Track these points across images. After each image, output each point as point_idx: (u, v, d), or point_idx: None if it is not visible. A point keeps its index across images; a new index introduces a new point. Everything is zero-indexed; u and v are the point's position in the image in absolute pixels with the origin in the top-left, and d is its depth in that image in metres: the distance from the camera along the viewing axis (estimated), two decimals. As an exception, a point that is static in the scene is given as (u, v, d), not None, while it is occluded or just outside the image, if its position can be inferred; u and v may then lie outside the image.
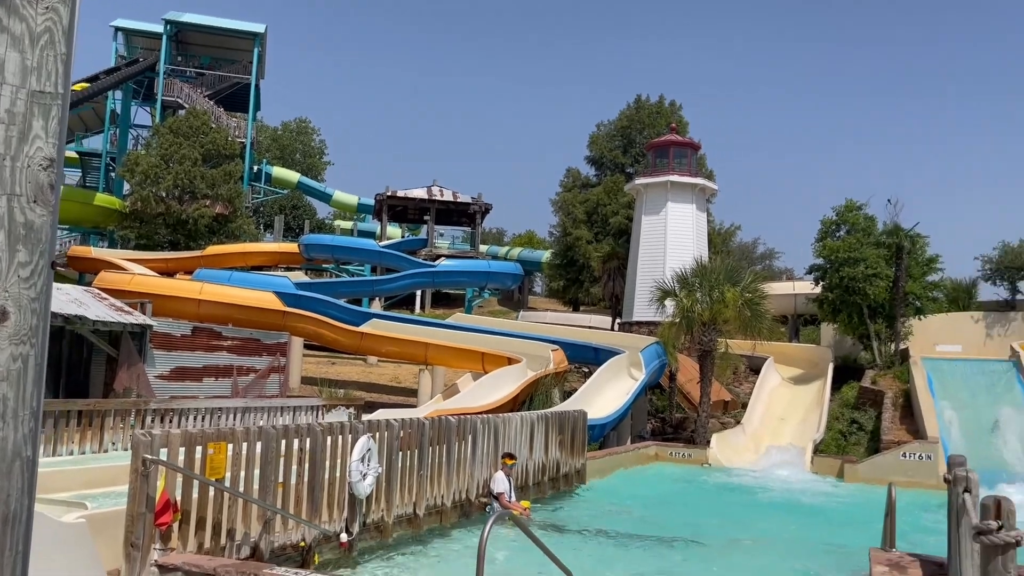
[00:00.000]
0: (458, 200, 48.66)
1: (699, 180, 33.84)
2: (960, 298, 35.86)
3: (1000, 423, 21.45)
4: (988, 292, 38.72)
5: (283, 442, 8.36)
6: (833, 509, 15.13)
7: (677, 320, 23.16)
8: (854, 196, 32.70)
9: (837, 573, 9.11)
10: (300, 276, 34.36)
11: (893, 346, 27.74)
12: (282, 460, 8.31)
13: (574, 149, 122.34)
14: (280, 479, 8.22)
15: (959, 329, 32.57)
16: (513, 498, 12.34)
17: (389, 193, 47.83)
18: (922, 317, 28.47)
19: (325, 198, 57.76)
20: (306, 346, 26.74)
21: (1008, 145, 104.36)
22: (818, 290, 28.99)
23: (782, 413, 25.12)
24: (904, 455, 18.60)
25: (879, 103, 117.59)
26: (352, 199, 57.18)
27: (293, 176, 55.59)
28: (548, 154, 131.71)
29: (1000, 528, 4.32)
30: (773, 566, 9.78)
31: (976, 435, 21.12)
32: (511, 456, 12.50)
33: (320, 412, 19.00)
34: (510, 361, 22.29)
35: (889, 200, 39.12)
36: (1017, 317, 32.91)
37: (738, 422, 24.01)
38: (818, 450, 21.29)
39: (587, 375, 24.08)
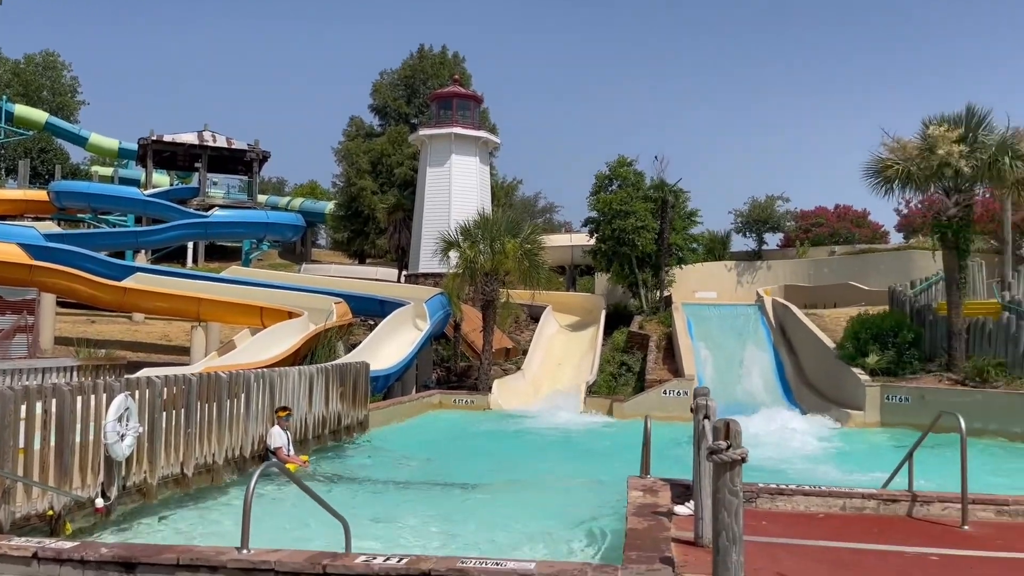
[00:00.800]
0: (233, 147, 46.04)
1: (482, 133, 34.28)
2: (716, 249, 39.29)
3: (745, 361, 23.90)
4: (739, 243, 42.73)
5: (24, 405, 7.56)
6: (603, 445, 16.19)
7: (461, 271, 23.51)
8: (626, 152, 34.69)
9: (603, 501, 9.74)
10: (51, 227, 31.03)
11: (658, 293, 29.94)
12: (23, 424, 7.52)
13: (357, 98, 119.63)
14: (22, 445, 7.46)
15: (715, 277, 35.74)
16: (292, 452, 12.07)
17: (154, 137, 44.31)
18: (683, 267, 30.92)
19: (80, 141, 52.38)
20: (61, 303, 24.38)
21: (757, 108, 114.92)
22: (593, 242, 30.56)
23: (560, 358, 26.41)
24: (665, 392, 20.24)
25: (650, 62, 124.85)
26: (112, 143, 52.29)
27: (40, 116, 49.88)
28: (330, 103, 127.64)
29: (729, 447, 4.78)
30: (548, 501, 10.28)
31: (727, 372, 23.39)
32: (285, 409, 12.19)
33: (74, 373, 17.43)
34: (291, 315, 21.63)
35: (656, 157, 41.86)
36: (763, 266, 36.63)
37: (519, 368, 24.93)
38: (591, 391, 22.64)
39: (373, 328, 23.91)
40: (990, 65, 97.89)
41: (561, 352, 26.99)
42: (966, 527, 7.41)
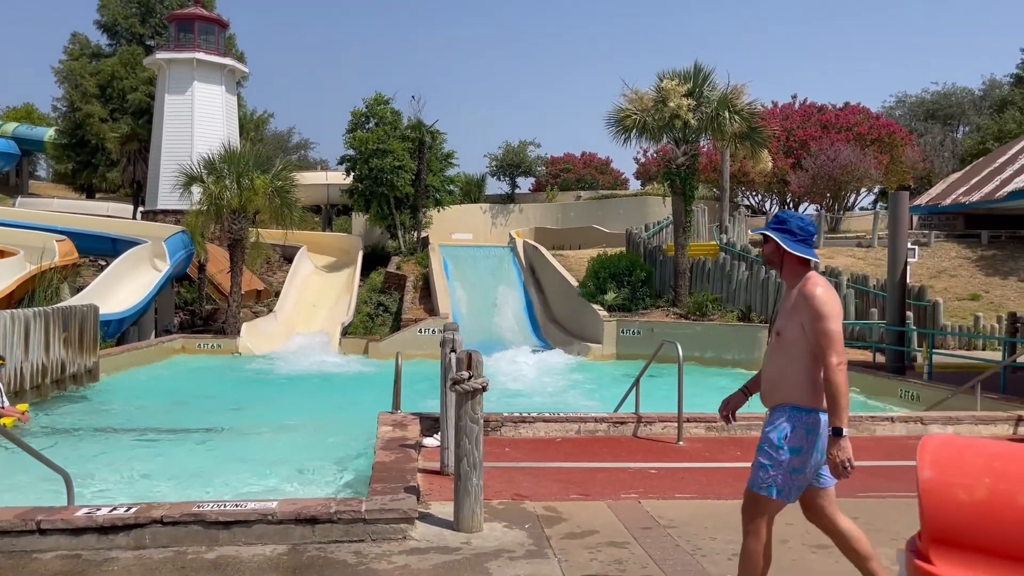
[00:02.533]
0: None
1: (228, 61, 32.07)
2: (472, 191, 40.12)
3: (498, 300, 24.82)
4: (494, 187, 43.93)
5: None
6: (357, 384, 16.14)
7: (205, 208, 22.04)
8: (383, 90, 34.07)
9: (355, 439, 9.72)
10: None
11: (416, 234, 30.07)
12: None
13: (81, 11, 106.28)
14: None
15: (471, 219, 36.52)
16: (5, 404, 10.81)
17: None
18: (441, 208, 31.24)
19: None
20: None
21: (511, 55, 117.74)
22: (350, 181, 29.94)
23: (314, 300, 25.81)
24: (420, 331, 20.51)
25: (408, 3, 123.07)
26: None
27: None
28: (47, 14, 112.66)
29: (470, 377, 4.94)
30: (298, 442, 10.08)
31: (482, 311, 24.16)
32: (-2, 358, 10.87)
33: None
34: (3, 254, 19.19)
35: (413, 97, 41.66)
36: (516, 208, 37.96)
37: (271, 311, 24.06)
38: (347, 332, 22.41)
39: (104, 268, 21.85)
40: (715, 26, 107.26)
41: (316, 294, 26.39)
42: (681, 443, 8.28)
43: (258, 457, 9.19)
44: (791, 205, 36.09)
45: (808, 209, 34.45)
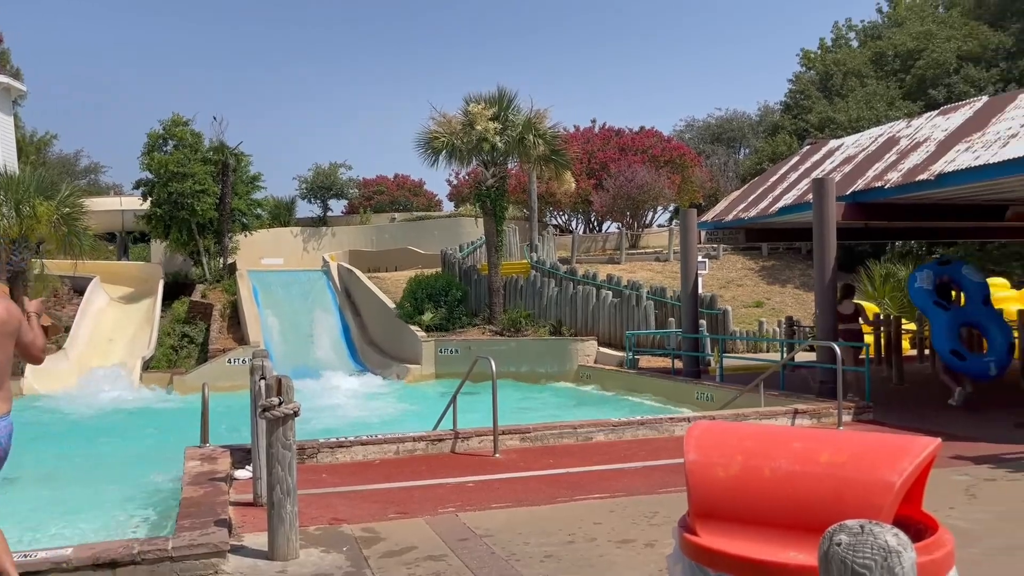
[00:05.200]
0: None
1: (4, 78, 29.38)
2: (282, 215, 39.02)
3: (314, 325, 24.27)
4: (305, 209, 42.96)
5: None
6: (161, 421, 15.22)
7: (-23, 238, 20.01)
8: (181, 111, 32.43)
9: (161, 477, 9.20)
10: None
11: (222, 261, 28.81)
12: None
13: None
14: None
15: (282, 243, 35.51)
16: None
17: None
18: (249, 233, 30.14)
19: None
20: None
21: (323, 73, 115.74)
22: (147, 206, 28.26)
23: (111, 334, 24.04)
24: (230, 361, 19.67)
25: (209, 21, 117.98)
26: None
27: None
28: None
29: (281, 403, 4.87)
30: (95, 485, 9.40)
31: (295, 338, 23.51)
32: None
33: None
34: None
35: (215, 117, 40.03)
36: (328, 232, 37.32)
37: (60, 348, 22.15)
38: (149, 366, 21.08)
39: None
40: (521, 53, 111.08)
41: (113, 327, 24.59)
42: (497, 455, 8.53)
43: (46, 506, 8.48)
44: (595, 224, 37.96)
45: (611, 227, 36.39)
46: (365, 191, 45.61)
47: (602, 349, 19.28)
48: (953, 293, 12.37)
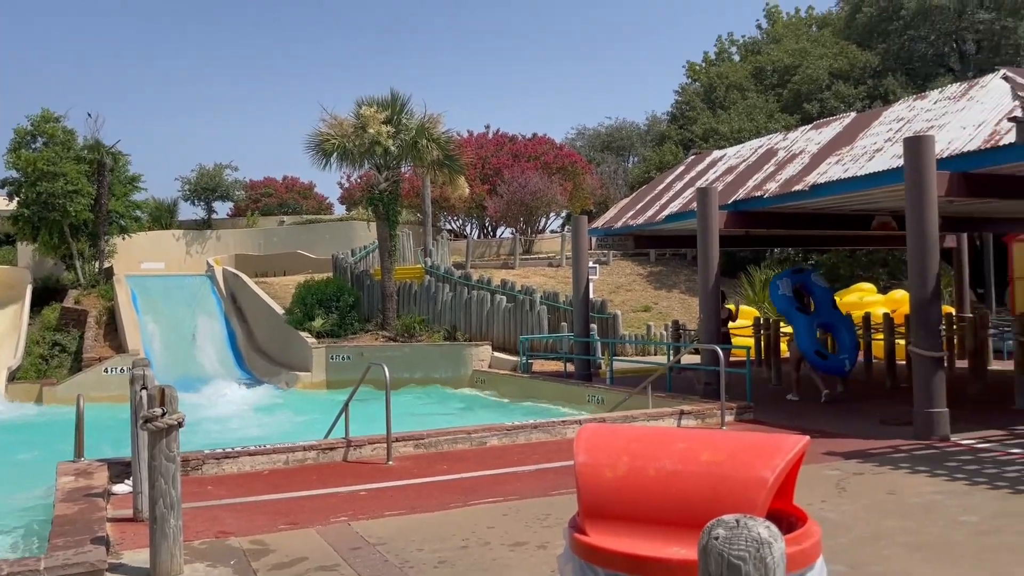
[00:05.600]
0: None
1: None
2: (163, 217, 37.50)
3: (198, 332, 23.42)
4: (188, 212, 41.42)
5: None
6: (30, 436, 14.35)
7: None
8: (52, 107, 30.58)
9: (31, 495, 8.69)
10: None
11: (98, 265, 27.41)
12: None
13: None
14: None
15: (163, 247, 34.11)
16: None
17: None
18: (127, 236, 28.79)
19: None
20: None
21: (207, 71, 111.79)
22: (13, 206, 26.57)
23: (-28, 343, 22.48)
24: (107, 370, 18.74)
25: (84, 13, 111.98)
26: None
27: None
28: None
29: (164, 414, 4.70)
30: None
31: (178, 345, 22.63)
32: None
33: None
34: None
35: (89, 114, 38.05)
36: (213, 235, 36.10)
37: (-86, 358, 20.55)
38: (15, 378, 19.84)
39: None
40: (415, 57, 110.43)
41: (-26, 335, 23.00)
42: (391, 462, 8.46)
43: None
44: (489, 229, 38.18)
45: (505, 232, 36.71)
46: (252, 193, 44.38)
47: (496, 354, 19.41)
48: (805, 299, 13.27)
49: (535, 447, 9.26)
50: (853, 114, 13.48)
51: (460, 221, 39.42)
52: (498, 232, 37.83)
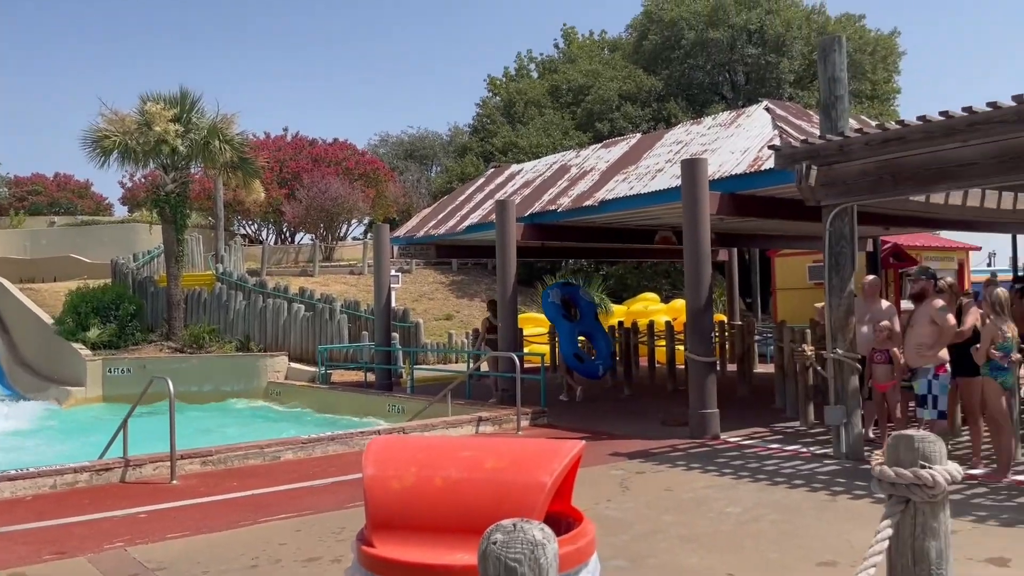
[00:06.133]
0: None
1: None
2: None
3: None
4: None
5: None
6: None
7: None
8: None
9: None
10: None
11: None
12: None
13: None
14: None
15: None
16: None
17: None
18: None
19: None
20: None
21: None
22: None
23: None
24: None
25: None
26: None
27: None
28: None
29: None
30: None
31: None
32: None
33: None
34: None
35: None
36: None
37: None
38: None
39: None
40: (208, 53, 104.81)
41: None
42: (175, 481, 7.98)
43: None
44: (288, 235, 36.98)
45: (304, 238, 35.71)
46: (17, 191, 40.23)
47: (294, 365, 18.81)
48: (572, 309, 14.45)
49: (332, 460, 9.09)
50: (639, 135, 14.43)
51: (256, 226, 37.89)
52: (297, 238, 36.76)
